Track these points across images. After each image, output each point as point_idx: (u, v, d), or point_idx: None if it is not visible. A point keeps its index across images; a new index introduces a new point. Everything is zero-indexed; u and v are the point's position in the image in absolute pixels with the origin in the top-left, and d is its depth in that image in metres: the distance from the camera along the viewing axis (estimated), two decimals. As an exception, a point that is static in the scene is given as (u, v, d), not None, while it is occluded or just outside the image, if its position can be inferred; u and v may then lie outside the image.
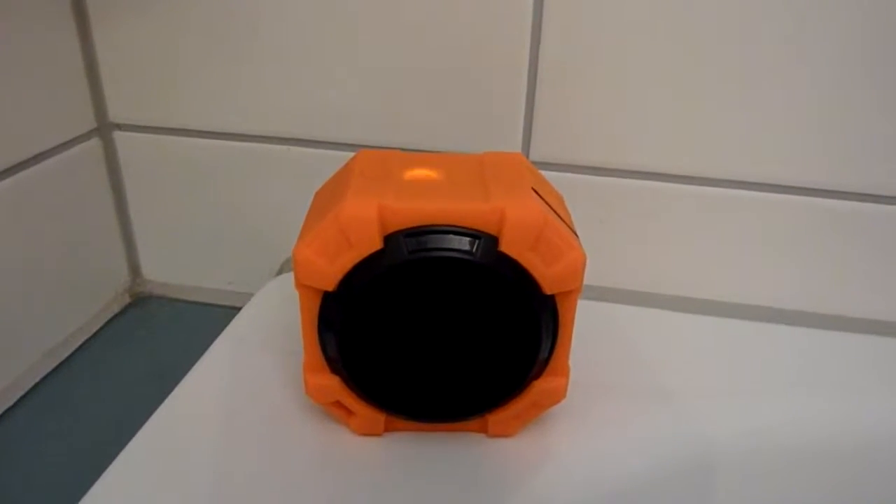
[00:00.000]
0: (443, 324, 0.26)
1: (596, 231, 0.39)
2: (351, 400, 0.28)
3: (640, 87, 0.35)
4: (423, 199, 0.25)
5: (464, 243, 0.24)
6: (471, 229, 0.25)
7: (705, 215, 0.37)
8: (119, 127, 0.41)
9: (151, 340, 0.43)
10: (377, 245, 0.24)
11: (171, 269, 0.45)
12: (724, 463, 0.31)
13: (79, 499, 0.26)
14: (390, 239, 0.24)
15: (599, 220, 0.38)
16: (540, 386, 0.27)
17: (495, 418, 0.28)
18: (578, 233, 0.28)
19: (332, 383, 0.27)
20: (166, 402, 0.31)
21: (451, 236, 0.24)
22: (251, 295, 0.39)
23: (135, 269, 0.45)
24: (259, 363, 0.33)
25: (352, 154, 0.30)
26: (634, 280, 0.40)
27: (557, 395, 0.28)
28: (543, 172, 0.36)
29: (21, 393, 0.37)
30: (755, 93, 0.34)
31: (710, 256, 0.38)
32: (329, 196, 0.27)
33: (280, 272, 0.42)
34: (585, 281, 0.26)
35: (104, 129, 0.41)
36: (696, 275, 0.39)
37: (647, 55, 0.34)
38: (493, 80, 0.36)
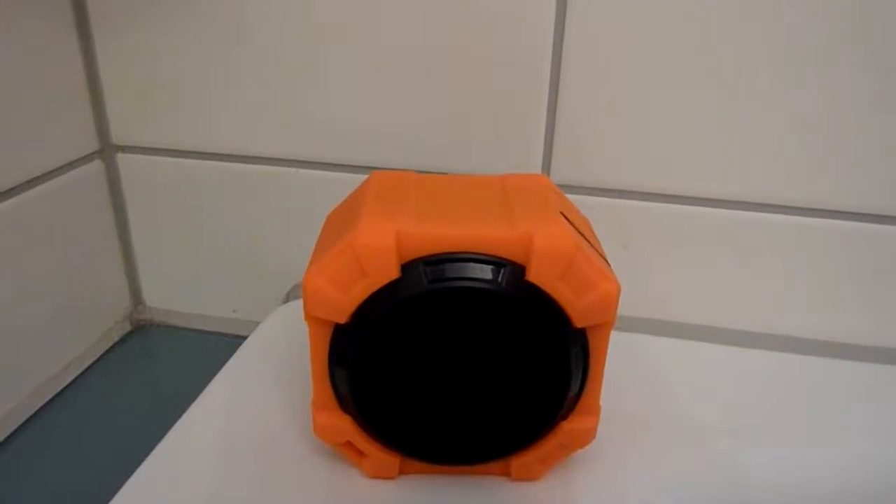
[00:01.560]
0: (464, 359, 0.24)
1: (619, 257, 0.37)
2: (363, 441, 0.26)
3: (664, 106, 0.33)
4: (443, 224, 0.23)
5: (488, 272, 0.23)
6: (495, 257, 0.23)
7: (735, 241, 0.36)
8: (122, 149, 0.40)
9: (152, 370, 0.41)
10: (394, 274, 0.22)
11: (173, 295, 0.43)
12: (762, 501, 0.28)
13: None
14: (408, 267, 0.23)
15: (623, 245, 0.37)
16: (568, 427, 0.25)
17: (519, 461, 0.26)
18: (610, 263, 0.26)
19: (343, 423, 0.25)
20: (167, 436, 0.30)
21: (475, 265, 0.23)
22: (257, 323, 0.37)
23: (136, 296, 0.44)
24: (265, 397, 0.31)
25: (363, 177, 0.28)
26: (660, 309, 0.38)
27: (587, 437, 0.26)
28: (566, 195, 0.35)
29: (17, 424, 0.35)
30: (787, 114, 0.33)
31: (740, 284, 0.37)
32: (342, 220, 0.25)
33: (287, 300, 0.40)
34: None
35: (107, 150, 0.40)
36: (725, 303, 0.37)
37: (673, 74, 0.33)
38: (513, 100, 0.34)
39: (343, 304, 0.23)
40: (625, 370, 0.33)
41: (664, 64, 0.33)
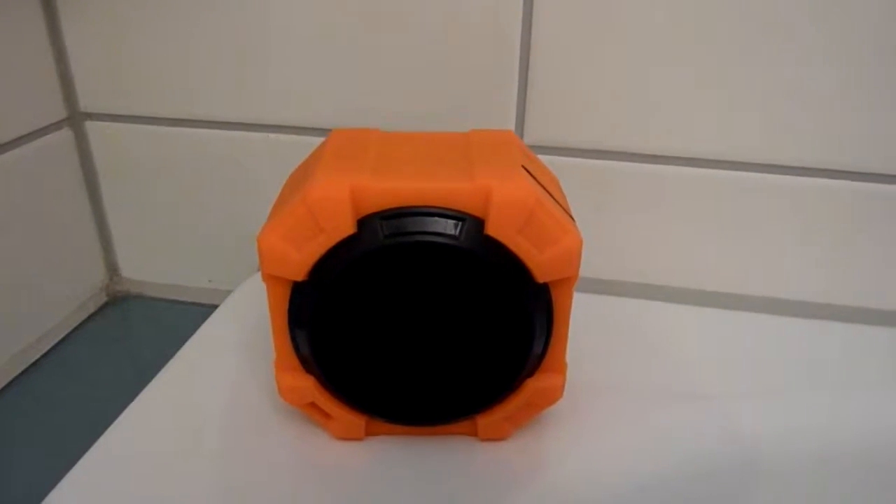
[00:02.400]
0: (425, 317, 0.23)
1: (593, 218, 0.36)
2: (328, 402, 0.25)
3: (640, 63, 0.33)
4: (400, 178, 0.23)
5: (446, 226, 0.22)
6: (454, 211, 0.22)
7: (710, 201, 0.35)
8: (90, 116, 0.39)
9: (129, 341, 0.41)
10: (350, 229, 0.22)
11: (149, 266, 0.43)
12: (731, 467, 0.28)
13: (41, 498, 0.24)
14: (364, 222, 0.22)
15: (597, 206, 0.36)
16: (534, 385, 0.25)
17: (486, 420, 0.26)
18: (575, 219, 0.25)
19: (307, 384, 0.25)
20: (134, 402, 0.30)
21: (432, 219, 0.22)
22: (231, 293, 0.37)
23: (112, 267, 0.43)
24: (234, 363, 0.31)
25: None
26: (634, 271, 0.37)
27: (553, 395, 0.26)
28: (538, 156, 0.34)
29: (-11, 396, 0.35)
30: (763, 69, 0.32)
31: (715, 245, 0.36)
32: (299, 179, 0.25)
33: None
34: (582, 273, 0.24)
35: (75, 118, 0.39)
36: (699, 265, 0.37)
37: (648, 29, 0.32)
38: (484, 60, 0.34)
39: (299, 261, 0.22)
40: (597, 332, 0.33)
41: (638, 21, 0.32)
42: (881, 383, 0.31)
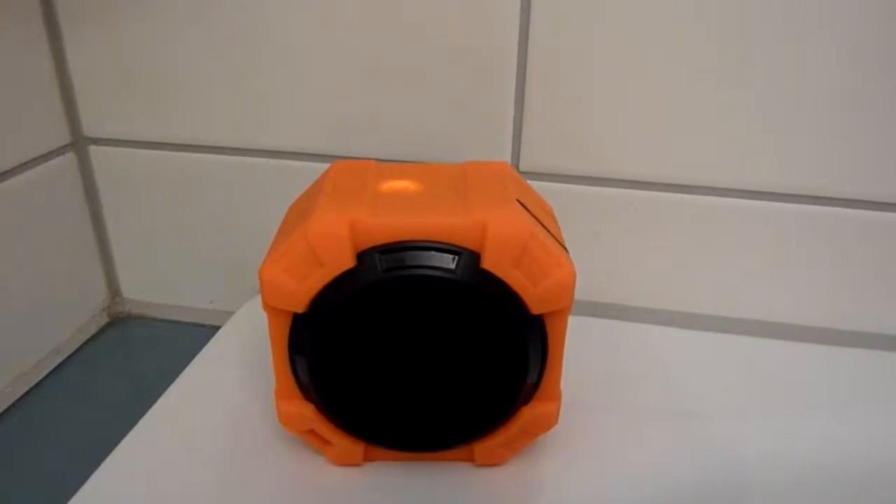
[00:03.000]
0: (422, 347, 0.24)
1: (591, 244, 0.37)
2: (326, 429, 0.26)
3: (637, 90, 0.33)
4: (399, 213, 0.23)
5: (443, 260, 0.23)
6: (451, 245, 0.23)
7: (707, 226, 0.36)
8: (94, 141, 0.40)
9: (130, 362, 0.41)
10: (350, 263, 0.23)
11: (150, 287, 0.43)
12: (727, 490, 0.29)
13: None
14: (363, 256, 0.23)
15: (594, 233, 0.37)
16: (529, 412, 0.26)
17: (482, 447, 0.26)
18: (572, 246, 0.26)
19: (306, 411, 0.25)
20: (137, 426, 0.30)
21: (430, 253, 0.23)
22: (234, 314, 0.37)
23: (113, 288, 0.44)
24: (236, 385, 0.32)
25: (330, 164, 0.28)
26: (632, 295, 0.38)
27: (548, 422, 0.26)
28: (535, 183, 0.35)
29: (-7, 417, 0.35)
30: (759, 98, 0.32)
31: (711, 269, 0.37)
32: (300, 211, 0.25)
33: (262, 290, 0.40)
34: (581, 296, 0.24)
35: (79, 143, 0.40)
36: (696, 289, 0.37)
37: (644, 57, 0.33)
38: (480, 88, 0.34)
39: (299, 293, 0.23)
40: (594, 356, 0.33)
41: (633, 49, 0.32)
42: (876, 406, 0.31)
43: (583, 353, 0.29)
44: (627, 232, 0.36)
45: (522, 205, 0.24)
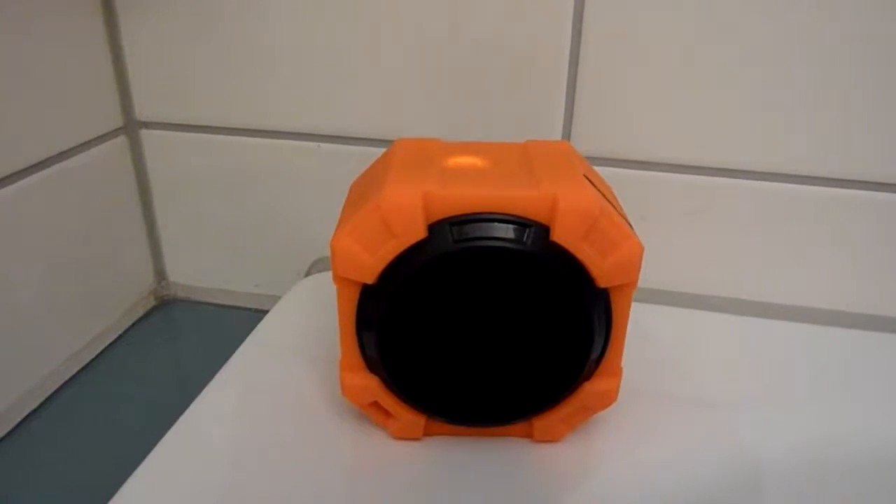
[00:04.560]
0: (489, 320, 0.24)
1: (638, 228, 0.37)
2: (389, 401, 0.26)
3: (687, 74, 0.33)
4: (469, 185, 0.24)
5: (513, 232, 0.23)
6: (520, 217, 0.23)
7: (756, 212, 0.36)
8: (146, 125, 0.40)
9: (176, 344, 0.42)
10: (421, 234, 0.23)
11: (196, 271, 0.44)
12: (776, 475, 0.29)
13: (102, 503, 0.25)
14: (435, 228, 0.23)
15: (641, 216, 0.37)
16: (590, 388, 0.26)
17: (541, 422, 0.27)
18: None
19: (371, 383, 0.26)
20: (192, 406, 0.30)
21: (500, 224, 0.23)
22: (278, 297, 0.38)
23: (160, 272, 0.44)
24: (287, 367, 0.32)
25: (383, 150, 0.28)
26: (679, 281, 0.38)
27: (609, 398, 0.26)
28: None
29: (44, 396, 0.36)
30: (815, 85, 0.33)
31: (761, 255, 0.37)
32: (367, 186, 0.26)
33: (309, 273, 0.41)
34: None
35: (131, 127, 0.40)
36: (745, 275, 0.37)
37: (697, 40, 0.33)
38: (533, 71, 0.35)
39: (371, 264, 0.23)
40: (646, 341, 0.34)
41: (685, 35, 0.33)
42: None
43: (630, 338, 0.29)
44: (675, 217, 0.36)
45: (589, 180, 0.25)
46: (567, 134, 0.36)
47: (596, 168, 0.36)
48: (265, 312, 0.37)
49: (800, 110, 0.33)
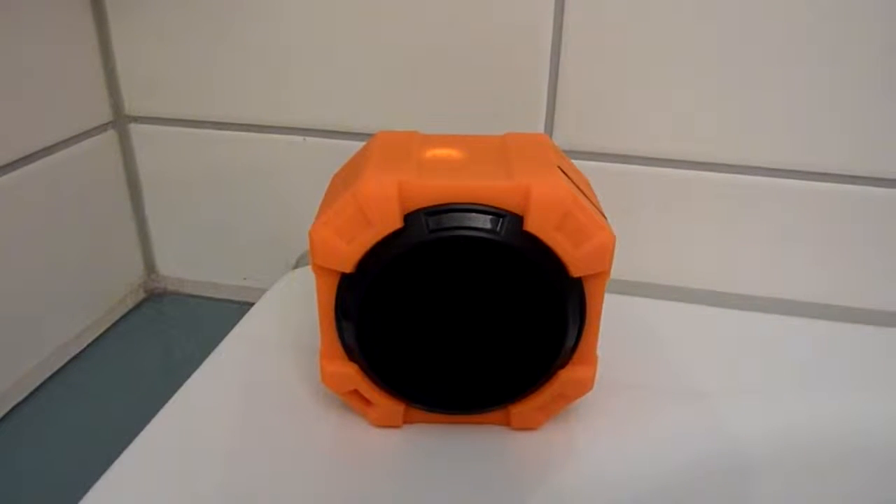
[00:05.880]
0: (464, 309, 0.25)
1: (618, 221, 0.37)
2: (368, 389, 0.27)
3: (667, 69, 0.34)
4: (444, 176, 0.24)
5: (487, 222, 0.23)
6: (495, 208, 0.24)
7: (735, 205, 0.36)
8: (135, 119, 0.41)
9: (165, 336, 0.42)
10: (397, 223, 0.23)
11: (185, 264, 0.44)
12: (753, 462, 0.29)
13: (86, 491, 0.25)
14: (410, 217, 0.24)
15: (622, 209, 0.37)
16: (566, 375, 0.26)
17: (518, 410, 0.27)
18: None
19: (350, 371, 0.26)
20: (176, 396, 0.30)
21: (475, 214, 0.23)
22: (267, 290, 0.38)
23: (149, 265, 0.45)
24: (272, 358, 0.32)
25: (369, 141, 0.29)
26: (659, 273, 0.39)
27: (584, 386, 0.27)
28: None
29: (33, 386, 0.36)
30: (791, 76, 0.33)
31: (739, 248, 0.37)
32: (347, 177, 0.26)
33: (296, 266, 0.41)
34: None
35: (120, 121, 0.41)
36: (723, 268, 0.38)
37: (677, 35, 0.33)
38: (514, 66, 0.35)
39: (348, 253, 0.24)
40: (624, 332, 0.34)
41: (671, 21, 0.33)
42: (888, 383, 0.32)
43: (609, 330, 0.29)
44: (655, 210, 0.37)
45: (563, 172, 0.25)
46: (549, 128, 0.36)
47: (579, 162, 0.36)
48: (253, 305, 0.37)
49: (776, 102, 0.34)
